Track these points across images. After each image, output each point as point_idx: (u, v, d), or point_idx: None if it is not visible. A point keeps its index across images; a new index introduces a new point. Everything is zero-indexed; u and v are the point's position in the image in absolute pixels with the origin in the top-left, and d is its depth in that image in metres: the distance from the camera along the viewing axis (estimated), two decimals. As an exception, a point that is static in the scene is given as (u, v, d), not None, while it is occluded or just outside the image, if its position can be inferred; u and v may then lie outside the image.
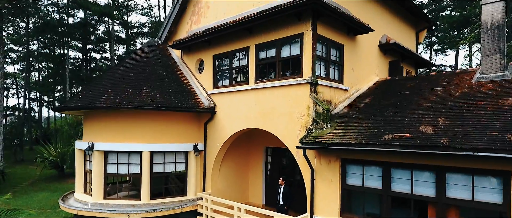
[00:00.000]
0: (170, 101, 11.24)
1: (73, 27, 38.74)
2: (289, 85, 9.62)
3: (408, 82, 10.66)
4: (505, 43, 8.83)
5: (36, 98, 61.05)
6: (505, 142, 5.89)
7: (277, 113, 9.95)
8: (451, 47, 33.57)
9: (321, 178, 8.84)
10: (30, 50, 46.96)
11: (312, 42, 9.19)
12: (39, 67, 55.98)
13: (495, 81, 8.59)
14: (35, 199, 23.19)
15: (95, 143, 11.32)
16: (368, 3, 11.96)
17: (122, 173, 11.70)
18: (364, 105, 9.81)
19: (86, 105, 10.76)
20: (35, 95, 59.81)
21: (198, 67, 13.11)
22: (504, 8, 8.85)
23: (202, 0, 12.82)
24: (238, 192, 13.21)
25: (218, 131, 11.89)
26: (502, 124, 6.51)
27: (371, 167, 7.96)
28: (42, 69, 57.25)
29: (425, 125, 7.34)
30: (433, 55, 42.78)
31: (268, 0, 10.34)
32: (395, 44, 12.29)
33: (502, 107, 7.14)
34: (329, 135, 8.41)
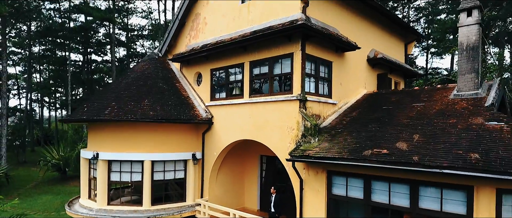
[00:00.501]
0: (169, 114, 12.01)
1: (74, 31, 39.47)
2: (280, 100, 10.39)
3: (392, 96, 11.44)
4: (479, 63, 9.59)
5: (37, 99, 61.80)
6: (467, 161, 6.66)
7: (269, 126, 10.73)
8: (445, 52, 34.33)
9: (309, 188, 9.61)
10: (32, 52, 47.73)
11: (301, 61, 9.95)
12: (41, 69, 56.70)
13: (469, 99, 9.36)
14: (39, 202, 23.98)
15: (100, 153, 12.09)
16: (357, 20, 12.72)
17: (125, 181, 12.48)
18: (350, 119, 10.58)
19: (92, 118, 11.53)
20: (36, 96, 60.52)
21: (197, 80, 13.86)
22: (478, 31, 9.61)
23: (200, 17, 13.58)
24: (235, 198, 14.00)
25: (215, 141, 12.66)
26: (468, 143, 7.27)
27: (353, 179, 8.72)
28: (43, 70, 58.01)
29: (402, 142, 8.11)
30: (430, 58, 43.58)
31: (262, 21, 11.09)
32: (382, 59, 13.05)
33: (471, 126, 7.90)
34: (316, 149, 9.18)
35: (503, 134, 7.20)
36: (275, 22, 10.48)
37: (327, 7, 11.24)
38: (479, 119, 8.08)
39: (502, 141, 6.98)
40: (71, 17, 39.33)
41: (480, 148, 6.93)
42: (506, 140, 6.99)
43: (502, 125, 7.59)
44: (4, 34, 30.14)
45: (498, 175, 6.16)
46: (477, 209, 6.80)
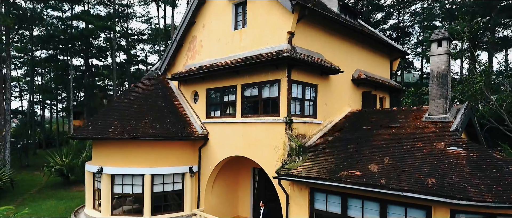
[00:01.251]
0: (168, 131, 13.09)
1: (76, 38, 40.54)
2: (269, 122, 11.47)
3: (372, 116, 12.51)
4: (448, 89, 10.66)
5: (39, 100, 62.76)
6: (424, 185, 7.73)
7: (259, 144, 11.81)
8: None
9: (294, 202, 10.69)
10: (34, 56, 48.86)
11: (287, 87, 11.03)
12: (42, 72, 57.74)
13: (438, 122, 10.42)
14: (43, 208, 25.04)
15: (104, 167, 13.18)
16: (342, 43, 13.76)
17: (127, 193, 13.56)
18: (333, 138, 11.66)
19: (96, 136, 12.62)
20: (38, 98, 61.45)
21: (193, 97, 14.93)
22: (447, 60, 10.67)
23: (196, 39, 14.64)
24: (229, 207, 15.09)
25: (211, 155, 13.75)
26: (428, 167, 8.34)
27: (332, 195, 9.80)
28: (45, 73, 59.09)
29: (373, 164, 9.18)
30: (425, 62, 44.74)
31: (253, 48, 12.16)
32: (365, 79, 14.11)
33: (434, 151, 8.96)
34: (300, 168, 10.26)
35: (459, 160, 8.27)
36: (264, 50, 11.56)
37: (312, 34, 12.30)
38: (442, 144, 9.14)
39: (457, 167, 8.05)
40: (72, 25, 40.32)
41: (437, 173, 8.00)
42: (460, 165, 8.06)
43: (460, 150, 8.65)
44: (8, 44, 31.19)
45: (448, 199, 7.23)
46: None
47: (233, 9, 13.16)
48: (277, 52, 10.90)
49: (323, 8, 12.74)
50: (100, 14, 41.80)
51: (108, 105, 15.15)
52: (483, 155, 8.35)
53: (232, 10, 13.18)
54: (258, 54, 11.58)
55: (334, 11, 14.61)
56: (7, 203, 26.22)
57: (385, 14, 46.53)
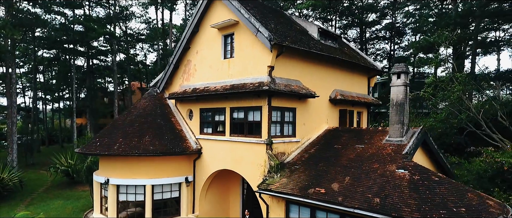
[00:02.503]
0: (166, 147, 15.08)
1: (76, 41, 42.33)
2: (252, 142, 13.44)
3: (344, 134, 14.47)
4: (404, 116, 12.57)
5: (41, 97, 64.64)
6: (371, 204, 9.72)
7: (245, 161, 13.81)
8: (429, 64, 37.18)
9: (273, 212, 12.74)
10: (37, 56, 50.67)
11: (268, 113, 12.97)
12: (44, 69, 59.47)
13: (395, 144, 12.38)
14: (52, 207, 27.22)
15: (110, 178, 15.21)
16: (320, 68, 15.61)
17: (131, 200, 15.61)
18: (308, 155, 13.64)
19: (104, 153, 14.63)
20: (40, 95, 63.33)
21: (189, 115, 16.88)
22: (404, 90, 12.57)
23: (191, 63, 16.53)
24: (221, 212, 17.18)
25: (204, 167, 15.77)
26: (377, 188, 10.33)
27: (303, 207, 11.82)
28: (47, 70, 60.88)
29: (336, 183, 11.19)
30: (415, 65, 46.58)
31: (239, 76, 14.06)
32: (341, 99, 16.02)
33: (386, 173, 10.94)
34: (277, 184, 12.27)
35: (402, 182, 10.25)
36: (248, 80, 13.47)
37: (291, 63, 14.17)
38: (393, 166, 11.12)
39: (399, 188, 10.03)
40: (73, 29, 42.02)
41: (383, 194, 10.00)
42: (402, 187, 10.04)
43: (406, 173, 10.62)
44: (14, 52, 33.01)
45: (386, 216, 9.23)
46: (379, 236, 9.90)
47: (222, 39, 15.02)
48: (259, 83, 12.82)
49: (301, 40, 14.59)
50: (99, 17, 43.51)
51: (113, 122, 17.05)
52: (422, 178, 10.33)
53: (221, 40, 15.04)
54: (243, 83, 13.50)
55: (315, 37, 16.47)
56: (17, 203, 28.51)
57: (378, 14, 48.14)
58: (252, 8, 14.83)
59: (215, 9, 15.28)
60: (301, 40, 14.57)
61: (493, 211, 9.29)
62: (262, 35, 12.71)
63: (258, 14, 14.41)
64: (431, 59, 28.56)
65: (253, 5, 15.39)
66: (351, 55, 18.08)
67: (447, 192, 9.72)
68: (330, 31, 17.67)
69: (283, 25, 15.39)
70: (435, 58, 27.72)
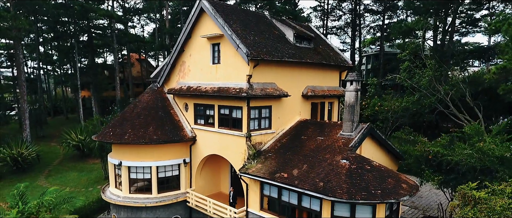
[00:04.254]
0: (167, 136, 19.01)
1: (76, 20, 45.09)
2: (235, 134, 17.33)
3: (311, 127, 18.28)
4: (355, 115, 16.28)
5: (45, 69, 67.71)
6: (317, 187, 13.74)
7: (229, 149, 17.78)
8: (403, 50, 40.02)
9: (251, 189, 16.90)
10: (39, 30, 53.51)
11: (247, 112, 16.71)
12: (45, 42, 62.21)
13: (346, 138, 16.20)
14: (68, 179, 31.84)
15: (122, 161, 19.32)
16: (293, 70, 19.05)
17: (140, 178, 19.80)
18: (280, 145, 17.57)
19: (117, 142, 18.61)
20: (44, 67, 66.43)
21: (185, 107, 20.63)
22: (355, 95, 16.17)
23: (185, 64, 20.02)
24: (213, 186, 21.51)
25: (198, 151, 19.82)
26: (324, 174, 14.27)
27: (273, 187, 15.92)
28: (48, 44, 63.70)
29: (296, 169, 15.19)
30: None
31: (225, 80, 17.64)
32: (312, 95, 19.65)
33: (333, 162, 14.84)
34: (253, 169, 16.31)
35: (343, 170, 14.20)
36: (231, 85, 17.09)
37: (268, 69, 17.63)
38: (339, 157, 15.04)
39: (339, 175, 14.00)
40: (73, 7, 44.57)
41: (326, 179, 13.99)
42: (341, 174, 14.01)
43: (347, 163, 14.55)
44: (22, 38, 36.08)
45: (325, 196, 13.28)
46: (323, 209, 14.03)
47: (211, 47, 18.41)
48: (239, 89, 16.45)
49: (277, 48, 17.97)
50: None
51: (122, 113, 20.83)
52: (358, 167, 14.27)
53: (210, 47, 18.44)
54: (227, 87, 17.13)
55: (291, 41, 19.81)
56: (37, 175, 33.20)
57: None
58: (236, 21, 18.07)
59: (205, 20, 18.51)
60: (277, 49, 17.96)
61: (402, 192, 13.31)
62: (241, 50, 16.15)
63: (240, 27, 17.71)
64: (407, 44, 31.63)
65: (237, 17, 18.57)
66: (324, 53, 21.45)
67: (372, 178, 13.71)
68: (305, 33, 20.85)
69: (262, 34, 18.66)
70: (411, 44, 30.78)
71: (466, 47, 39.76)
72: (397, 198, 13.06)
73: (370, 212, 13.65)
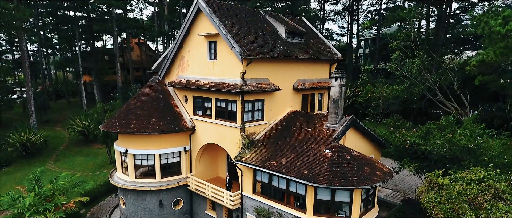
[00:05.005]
0: (168, 126, 20.99)
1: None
2: (230, 126, 19.29)
3: (300, 118, 20.20)
4: (339, 108, 18.15)
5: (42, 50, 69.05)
6: (302, 174, 15.79)
7: (226, 138, 19.79)
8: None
9: (245, 175, 19.01)
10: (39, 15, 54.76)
11: (241, 105, 18.60)
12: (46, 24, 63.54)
13: (330, 130, 18.15)
14: (76, 163, 34.14)
15: (128, 149, 21.39)
16: (285, 65, 20.82)
17: (144, 164, 21.92)
18: (272, 135, 19.55)
19: (123, 132, 20.62)
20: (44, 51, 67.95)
21: (185, 98, 22.51)
22: (340, 91, 18.00)
23: (184, 59, 21.76)
24: (211, 171, 23.68)
25: (197, 140, 21.85)
26: (309, 163, 16.30)
27: (264, 173, 18.01)
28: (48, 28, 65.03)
29: (285, 158, 17.21)
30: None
31: (221, 76, 19.44)
32: (302, 88, 21.46)
33: (317, 152, 16.84)
34: (247, 157, 18.36)
35: (325, 159, 16.21)
36: (227, 80, 18.90)
37: (261, 65, 19.38)
38: (323, 147, 17.02)
39: (321, 164, 16.03)
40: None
41: (310, 167, 16.02)
42: (323, 163, 16.03)
43: (329, 153, 16.55)
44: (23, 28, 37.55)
45: (308, 182, 15.34)
46: (307, 193, 16.13)
47: (208, 44, 20.10)
48: (234, 85, 18.29)
49: (269, 45, 19.66)
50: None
51: (127, 104, 22.74)
52: (339, 156, 16.27)
53: (207, 44, 20.14)
54: (223, 83, 18.96)
55: (283, 37, 21.48)
56: (45, 159, 35.50)
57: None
58: (231, 20, 19.69)
59: (202, 19, 20.11)
60: (269, 46, 19.67)
61: (375, 179, 15.36)
62: (236, 50, 17.89)
63: (235, 26, 19.35)
64: (399, 32, 33.09)
65: (232, 16, 20.17)
66: (315, 47, 23.12)
67: (351, 166, 15.75)
68: (296, 29, 22.45)
69: (256, 31, 20.30)
70: (402, 34, 32.25)
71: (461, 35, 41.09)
72: (371, 184, 15.12)
73: (348, 196, 15.77)
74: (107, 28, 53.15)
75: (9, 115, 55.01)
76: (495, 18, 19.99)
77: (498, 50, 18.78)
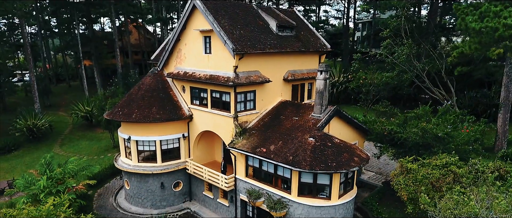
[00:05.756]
0: (168, 115, 23.06)
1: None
2: (225, 115, 21.34)
3: (289, 107, 22.21)
4: (323, 99, 20.11)
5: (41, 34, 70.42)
6: (287, 159, 17.94)
7: (220, 126, 21.89)
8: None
9: (238, 161, 21.21)
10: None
11: (234, 97, 20.58)
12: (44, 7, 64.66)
13: (315, 119, 20.18)
14: (80, 147, 36.43)
15: (131, 136, 23.55)
16: (276, 58, 22.63)
17: (146, 150, 24.12)
18: (263, 123, 21.61)
19: (126, 120, 22.72)
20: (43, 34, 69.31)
21: (182, 89, 24.47)
22: (324, 84, 19.91)
23: (181, 52, 23.59)
24: (208, 155, 25.92)
25: (194, 127, 23.97)
26: (294, 150, 18.40)
27: (255, 159, 20.18)
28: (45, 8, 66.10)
29: (273, 145, 19.34)
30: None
31: (215, 69, 21.33)
32: (292, 79, 23.36)
33: (302, 139, 18.93)
34: (239, 144, 20.49)
35: (309, 146, 18.31)
36: (221, 73, 20.81)
37: (252, 59, 21.21)
38: (307, 135, 19.10)
39: (305, 151, 18.14)
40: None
41: (295, 154, 18.14)
42: (307, 150, 18.14)
43: (313, 140, 18.64)
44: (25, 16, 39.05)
45: (292, 167, 17.51)
46: (293, 177, 18.33)
47: (203, 39, 21.88)
48: (227, 78, 20.21)
49: (260, 40, 21.44)
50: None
51: (129, 94, 24.74)
52: (321, 144, 18.36)
53: (202, 39, 21.92)
54: (217, 75, 20.88)
55: (274, 30, 23.21)
56: (51, 143, 37.78)
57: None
58: (224, 16, 21.39)
59: (198, 15, 21.80)
60: (260, 40, 21.45)
61: (352, 164, 17.51)
62: (228, 46, 19.71)
63: (228, 22, 21.06)
64: (389, 19, 34.60)
65: (225, 12, 21.84)
66: (305, 39, 24.86)
67: (331, 153, 17.87)
68: (287, 22, 24.11)
69: (248, 26, 22.01)
70: (393, 22, 33.78)
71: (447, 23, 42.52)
72: (348, 169, 17.29)
73: (328, 179, 17.97)
74: (105, 12, 54.45)
75: (12, 99, 57.06)
76: (473, 13, 21.58)
77: (473, 45, 20.47)
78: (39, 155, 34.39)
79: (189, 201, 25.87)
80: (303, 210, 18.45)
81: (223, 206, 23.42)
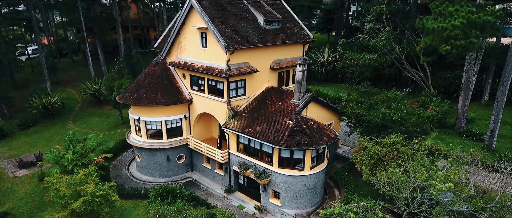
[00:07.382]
0: (171, 100, 27.93)
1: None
2: (219, 100, 26.21)
3: (274, 93, 26.99)
4: (302, 88, 24.81)
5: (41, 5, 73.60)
6: (270, 138, 22.96)
7: (216, 109, 26.83)
8: None
9: (231, 138, 26.28)
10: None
11: (227, 85, 25.33)
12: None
13: (295, 104, 24.99)
14: (92, 123, 41.49)
15: (140, 117, 28.58)
16: (263, 50, 27.09)
17: (154, 128, 29.20)
18: (252, 107, 26.50)
19: (136, 104, 27.66)
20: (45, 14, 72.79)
21: (183, 76, 29.16)
22: (302, 74, 24.54)
23: (181, 44, 28.09)
24: (207, 133, 31.08)
25: (194, 109, 28.92)
26: (276, 131, 23.36)
27: (245, 137, 25.23)
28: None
29: (258, 126, 24.33)
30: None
31: (211, 61, 25.94)
32: (278, 67, 27.96)
33: (282, 122, 23.84)
34: (232, 125, 25.49)
35: (287, 128, 23.23)
36: (215, 65, 25.46)
37: (242, 52, 25.73)
38: (286, 118, 23.99)
39: (284, 132, 23.09)
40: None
41: (276, 134, 23.12)
42: (285, 131, 23.10)
43: (291, 123, 23.56)
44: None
45: (273, 144, 22.55)
46: (274, 152, 23.43)
47: (200, 34, 26.32)
48: (220, 70, 24.87)
49: (249, 35, 25.86)
50: None
51: (136, 81, 29.51)
52: (298, 126, 23.28)
53: (199, 34, 26.36)
54: (213, 67, 25.54)
55: (262, 25, 27.58)
56: (65, 120, 42.93)
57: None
58: (218, 15, 25.69)
59: (195, 13, 26.09)
60: (249, 36, 25.89)
61: (321, 143, 22.52)
62: (221, 43, 24.23)
63: (221, 21, 25.41)
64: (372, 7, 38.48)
65: (219, 11, 26.11)
66: (290, 31, 29.20)
67: (305, 134, 22.85)
68: (273, 16, 28.35)
69: (238, 23, 26.35)
70: (375, 8, 37.70)
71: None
72: (317, 146, 22.34)
73: (302, 154, 23.06)
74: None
75: (20, 75, 61.73)
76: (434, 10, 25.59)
77: (428, 41, 24.70)
78: (55, 131, 39.73)
79: (191, 171, 31.32)
80: (283, 179, 23.74)
81: (219, 176, 28.83)
